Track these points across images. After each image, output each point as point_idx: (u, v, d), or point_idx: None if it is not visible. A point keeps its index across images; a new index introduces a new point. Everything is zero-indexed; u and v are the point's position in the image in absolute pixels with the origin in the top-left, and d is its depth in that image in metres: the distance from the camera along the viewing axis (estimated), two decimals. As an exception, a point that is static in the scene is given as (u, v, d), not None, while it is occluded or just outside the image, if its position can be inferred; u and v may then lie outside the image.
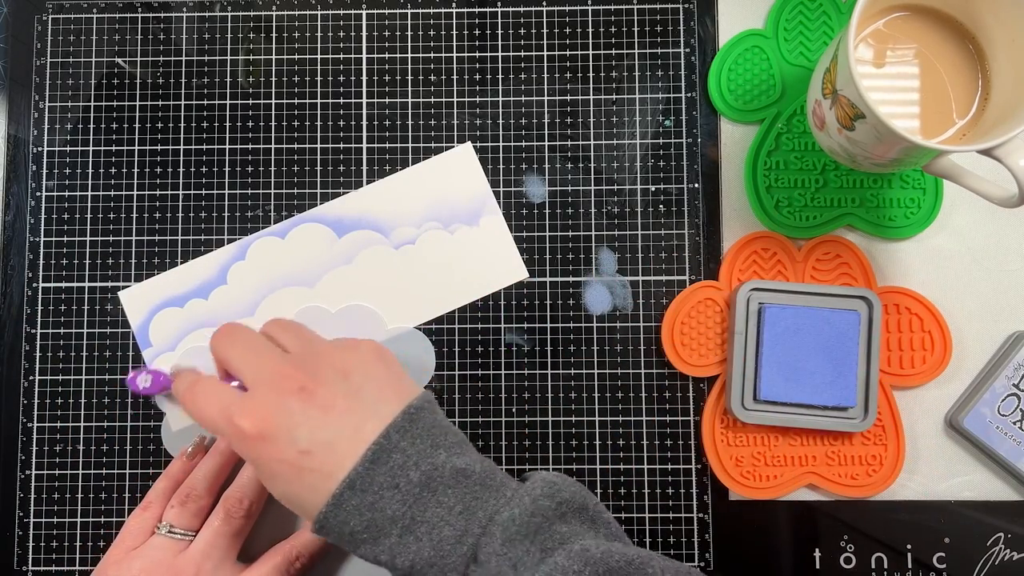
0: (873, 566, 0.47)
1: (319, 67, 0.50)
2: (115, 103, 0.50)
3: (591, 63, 0.50)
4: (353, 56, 0.50)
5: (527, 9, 0.50)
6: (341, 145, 0.50)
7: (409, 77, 0.50)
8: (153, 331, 0.47)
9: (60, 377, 0.49)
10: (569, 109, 0.50)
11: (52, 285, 0.49)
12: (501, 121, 0.50)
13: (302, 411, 0.36)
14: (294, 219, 0.48)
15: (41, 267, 0.49)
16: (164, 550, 0.42)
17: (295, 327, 0.41)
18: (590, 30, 0.50)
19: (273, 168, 0.50)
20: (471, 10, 0.50)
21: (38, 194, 0.49)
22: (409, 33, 0.50)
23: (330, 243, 0.48)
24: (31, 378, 0.49)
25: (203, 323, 0.47)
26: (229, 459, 0.45)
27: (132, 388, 0.46)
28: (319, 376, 0.37)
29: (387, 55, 0.50)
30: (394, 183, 0.49)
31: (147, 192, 0.50)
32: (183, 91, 0.50)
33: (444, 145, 0.50)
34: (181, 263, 0.49)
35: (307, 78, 0.50)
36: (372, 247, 0.48)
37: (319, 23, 0.50)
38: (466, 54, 0.50)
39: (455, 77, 0.50)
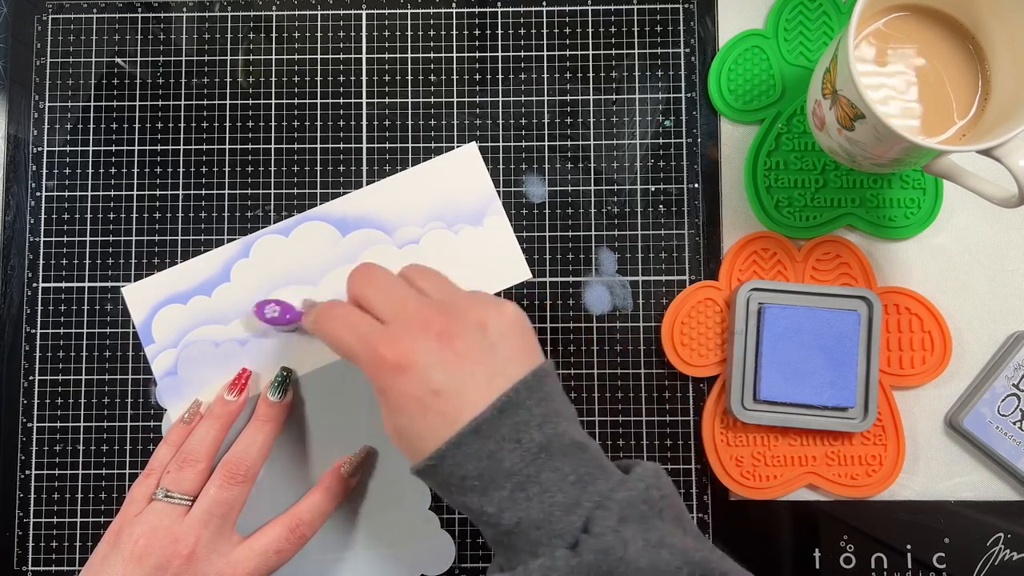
0: (873, 566, 0.47)
1: (319, 67, 0.50)
2: (115, 103, 0.50)
3: (591, 63, 0.50)
4: (353, 56, 0.50)
5: (527, 9, 0.50)
6: (341, 145, 0.50)
7: (409, 77, 0.50)
8: (156, 327, 0.47)
9: (60, 377, 0.48)
10: (569, 109, 0.50)
11: (52, 285, 0.49)
12: (501, 121, 0.50)
13: (439, 353, 0.36)
14: (298, 217, 0.48)
15: (41, 267, 0.49)
16: (163, 515, 0.41)
17: (436, 274, 0.41)
18: (590, 30, 0.50)
19: (273, 168, 0.50)
20: (471, 10, 0.50)
21: (38, 194, 0.49)
22: (409, 33, 0.50)
23: (334, 242, 0.48)
24: (31, 378, 0.49)
25: (206, 320, 0.47)
26: (225, 423, 0.45)
27: (259, 317, 0.46)
28: (457, 324, 0.37)
29: (387, 55, 0.50)
30: (398, 182, 0.49)
31: (147, 192, 0.50)
32: (183, 91, 0.50)
33: (444, 145, 0.50)
34: (181, 263, 0.49)
35: (307, 78, 0.50)
36: (376, 246, 0.48)
37: (319, 23, 0.50)
38: (466, 54, 0.50)
39: (455, 77, 0.50)
